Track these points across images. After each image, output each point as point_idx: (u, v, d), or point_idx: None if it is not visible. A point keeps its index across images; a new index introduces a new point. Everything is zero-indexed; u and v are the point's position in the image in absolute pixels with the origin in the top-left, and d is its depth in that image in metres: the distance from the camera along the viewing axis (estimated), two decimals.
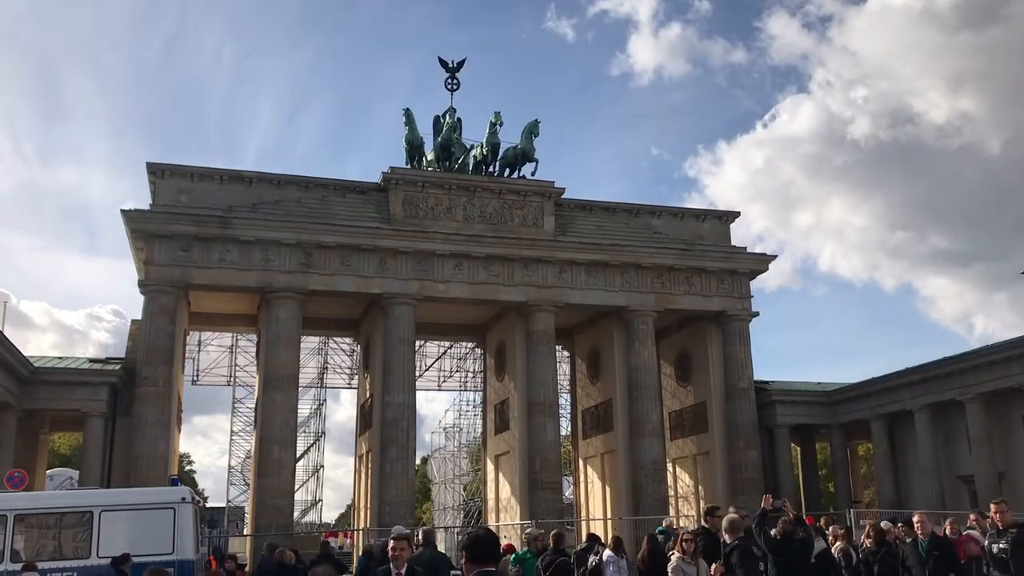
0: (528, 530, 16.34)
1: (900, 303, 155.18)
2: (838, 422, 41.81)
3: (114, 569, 13.38)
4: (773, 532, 12.02)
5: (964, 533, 12.52)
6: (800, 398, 42.13)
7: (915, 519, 11.65)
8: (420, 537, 13.26)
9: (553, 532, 14.93)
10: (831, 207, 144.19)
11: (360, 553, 23.42)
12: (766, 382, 42.01)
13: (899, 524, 15.07)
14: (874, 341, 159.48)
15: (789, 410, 41.33)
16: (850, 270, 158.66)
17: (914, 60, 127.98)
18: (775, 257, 40.10)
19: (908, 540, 12.12)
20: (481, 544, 5.29)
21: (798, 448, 45.79)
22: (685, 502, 40.97)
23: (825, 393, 42.39)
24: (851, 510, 29.39)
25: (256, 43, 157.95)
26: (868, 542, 12.80)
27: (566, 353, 45.87)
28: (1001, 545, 9.91)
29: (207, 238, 32.49)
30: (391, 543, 8.68)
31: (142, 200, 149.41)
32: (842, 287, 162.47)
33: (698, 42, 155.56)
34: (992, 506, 10.95)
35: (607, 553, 14.67)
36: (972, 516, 14.30)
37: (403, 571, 8.20)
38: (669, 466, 40.56)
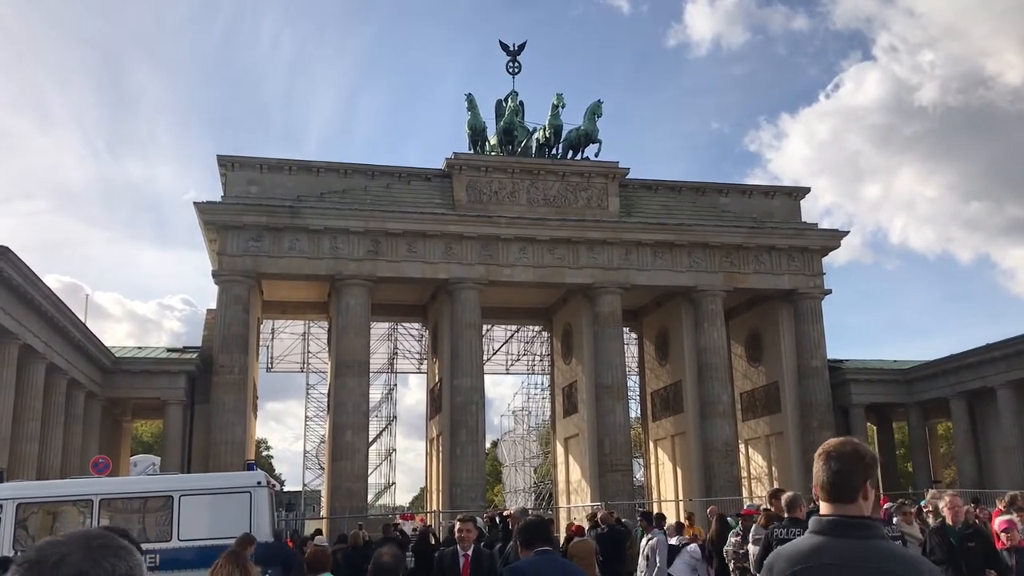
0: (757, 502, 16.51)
1: (977, 276, 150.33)
2: (915, 400, 40.80)
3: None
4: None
5: (1006, 518, 10.29)
6: (876, 376, 41.20)
7: (944, 501, 9.82)
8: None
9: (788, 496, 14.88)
10: (901, 178, 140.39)
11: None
12: (840, 361, 41.17)
13: (973, 506, 14.36)
14: (951, 316, 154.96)
15: (864, 389, 40.49)
16: (923, 243, 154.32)
17: (985, 20, 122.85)
18: (847, 233, 39.21)
19: (934, 526, 10.43)
20: (531, 531, 5.42)
21: (874, 427, 44.85)
22: (758, 483, 40.48)
23: (902, 371, 41.38)
24: (931, 490, 28.68)
25: (313, 29, 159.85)
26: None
27: (633, 335, 45.60)
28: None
29: (278, 228, 33.12)
30: (457, 525, 8.80)
31: (209, 190, 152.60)
32: (915, 261, 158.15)
33: (757, 9, 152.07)
34: (947, 497, 9.51)
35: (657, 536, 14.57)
36: None
37: (470, 552, 8.29)
38: (741, 447, 40.14)
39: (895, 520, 11.53)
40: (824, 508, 3.11)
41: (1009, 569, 8.77)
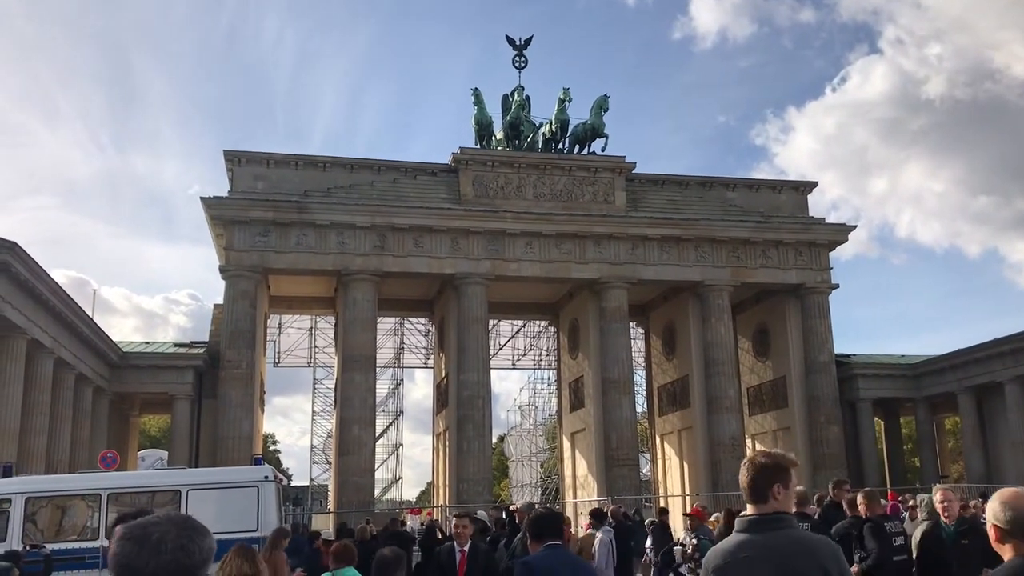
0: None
1: (985, 270, 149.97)
2: (923, 395, 40.67)
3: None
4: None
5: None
6: (883, 371, 41.07)
7: (936, 496, 8.98)
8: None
9: (796, 492, 13.38)
10: (908, 172, 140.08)
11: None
12: (847, 355, 41.07)
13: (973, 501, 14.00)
14: (958, 311, 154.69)
15: (872, 384, 40.36)
16: (930, 237, 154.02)
17: (992, 12, 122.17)
18: (855, 227, 39.05)
19: (928, 523, 9.53)
20: (542, 523, 5.37)
21: (881, 422, 44.73)
22: None
23: (909, 366, 41.24)
24: (937, 485, 28.63)
25: (317, 24, 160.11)
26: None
27: (640, 330, 45.57)
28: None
29: (284, 223, 33.15)
30: (454, 522, 8.83)
31: (214, 185, 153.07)
32: (922, 255, 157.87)
33: (763, 2, 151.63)
34: (939, 492, 8.73)
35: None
36: None
37: (466, 548, 8.31)
38: (748, 442, 40.03)
39: (903, 515, 11.41)
40: (748, 509, 3.77)
41: None
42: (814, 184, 40.19)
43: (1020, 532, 3.39)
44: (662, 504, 32.59)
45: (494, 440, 44.44)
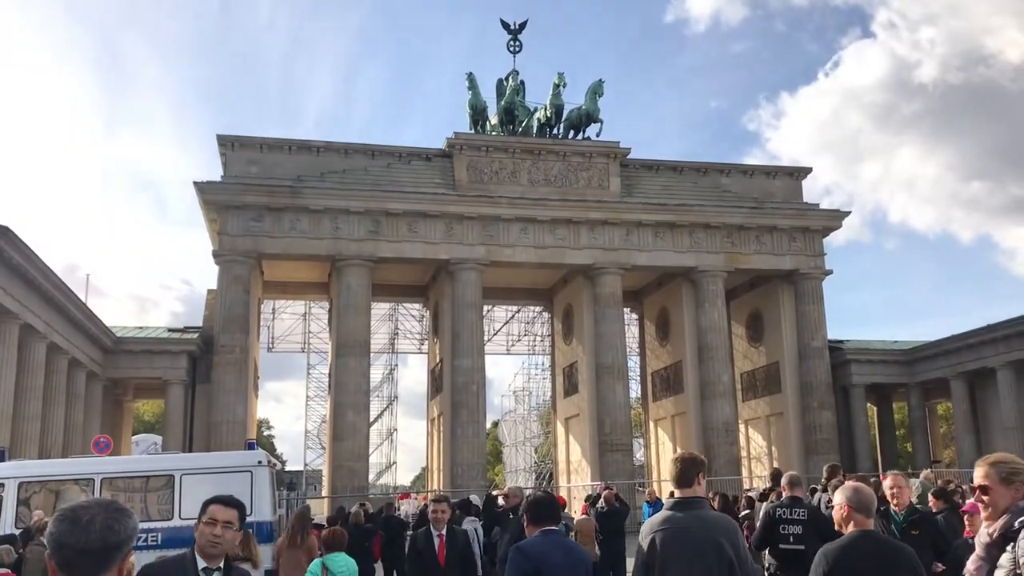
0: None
1: (978, 256, 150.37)
2: (916, 381, 40.81)
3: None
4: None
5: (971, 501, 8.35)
6: (876, 357, 41.16)
7: (886, 482, 8.20)
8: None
9: (788, 476, 12.45)
10: (901, 157, 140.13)
11: None
12: (840, 341, 41.16)
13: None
14: (951, 296, 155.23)
15: (865, 369, 40.47)
16: (923, 222, 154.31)
17: None
18: (848, 213, 39.02)
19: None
20: (540, 506, 5.39)
21: (874, 408, 44.90)
22: (758, 463, 40.61)
23: (902, 351, 41.35)
24: (926, 471, 28.73)
25: (310, 7, 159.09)
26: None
27: (634, 315, 45.62)
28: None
29: (278, 208, 33.06)
30: (431, 506, 8.82)
31: (207, 169, 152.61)
32: (915, 240, 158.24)
33: None
34: (890, 478, 8.12)
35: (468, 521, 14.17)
36: None
37: (444, 532, 8.33)
38: (741, 427, 40.23)
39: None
40: (676, 492, 4.87)
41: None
42: (808, 170, 40.18)
43: (865, 510, 4.58)
44: (655, 489, 32.71)
45: (488, 425, 44.46)
